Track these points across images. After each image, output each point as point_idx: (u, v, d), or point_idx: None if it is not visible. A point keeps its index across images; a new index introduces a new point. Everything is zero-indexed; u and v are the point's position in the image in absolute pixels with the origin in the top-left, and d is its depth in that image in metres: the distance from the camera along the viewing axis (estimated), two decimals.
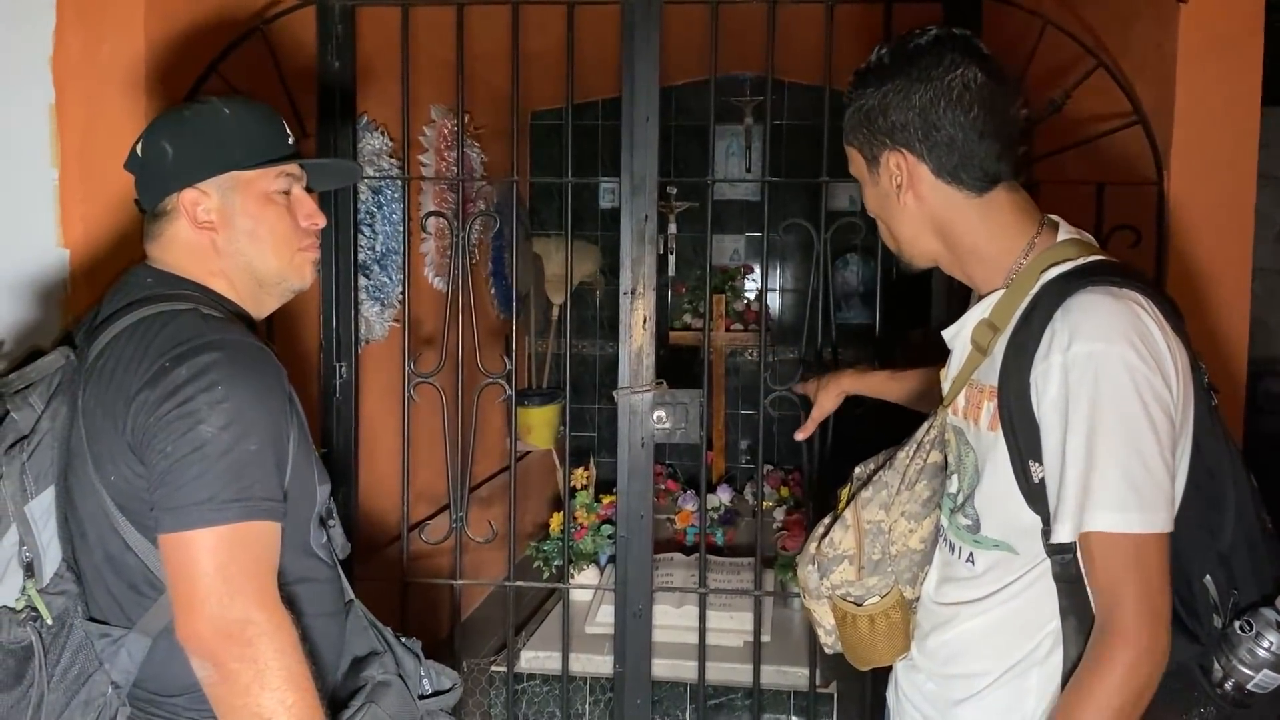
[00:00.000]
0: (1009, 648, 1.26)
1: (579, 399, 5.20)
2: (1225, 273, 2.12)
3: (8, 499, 1.24)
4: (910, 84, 1.23)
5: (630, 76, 2.28)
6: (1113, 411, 1.10)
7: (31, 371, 1.30)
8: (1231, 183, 2.11)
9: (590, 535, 3.64)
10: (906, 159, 1.27)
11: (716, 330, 4.63)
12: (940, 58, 1.22)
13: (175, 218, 1.36)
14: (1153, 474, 1.10)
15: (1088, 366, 1.11)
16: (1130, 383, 1.10)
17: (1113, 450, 1.10)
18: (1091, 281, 1.16)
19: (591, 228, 5.09)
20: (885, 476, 1.39)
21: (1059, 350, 1.13)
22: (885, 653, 1.43)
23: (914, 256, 1.35)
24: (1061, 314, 1.14)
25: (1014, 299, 1.23)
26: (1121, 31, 2.31)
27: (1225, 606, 1.18)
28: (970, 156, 1.23)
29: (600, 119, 4.89)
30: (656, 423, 2.35)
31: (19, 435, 1.27)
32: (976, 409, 1.29)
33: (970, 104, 1.22)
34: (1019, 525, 1.23)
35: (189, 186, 1.34)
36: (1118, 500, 1.10)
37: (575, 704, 3.00)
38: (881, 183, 1.31)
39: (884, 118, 1.26)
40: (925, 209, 1.28)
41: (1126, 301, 1.14)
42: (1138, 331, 1.12)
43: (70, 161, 2.16)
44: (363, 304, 2.93)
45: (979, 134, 1.22)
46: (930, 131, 1.23)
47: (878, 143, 1.28)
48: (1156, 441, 1.11)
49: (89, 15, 2.15)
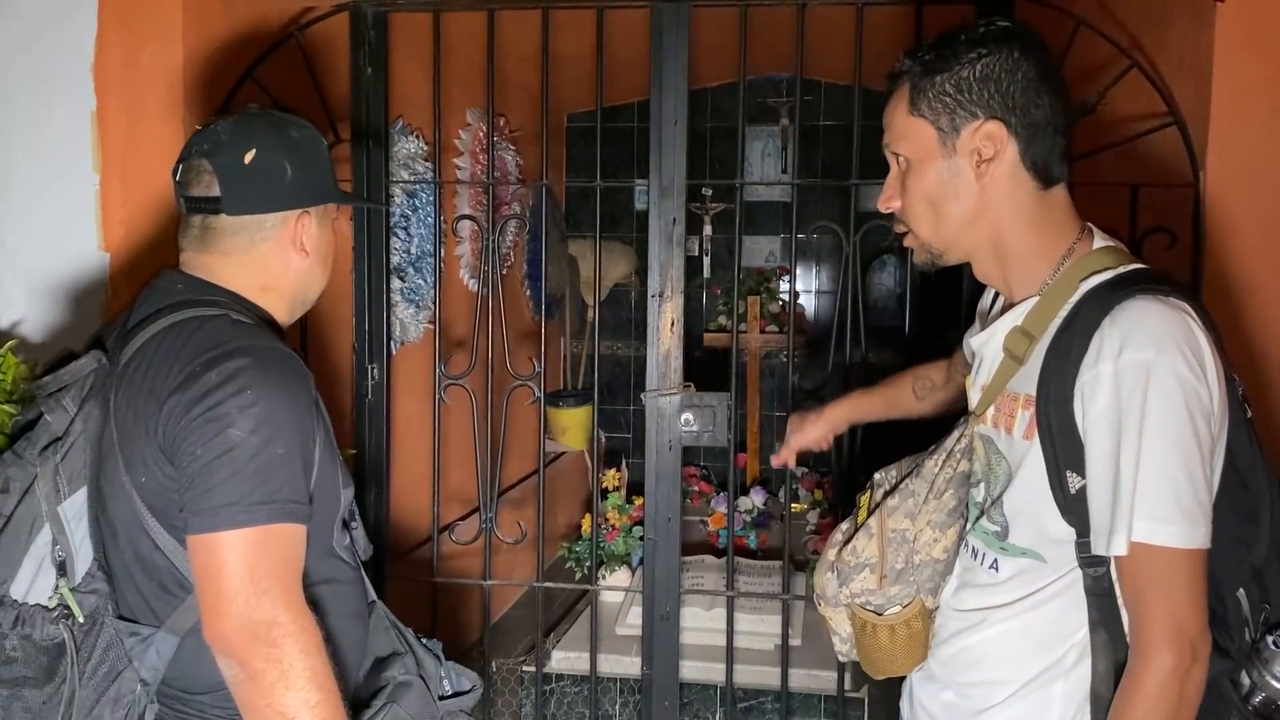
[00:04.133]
0: (1031, 657, 1.23)
1: (614, 400, 5.21)
2: (1264, 277, 2.07)
3: (41, 499, 1.27)
4: (1021, 58, 1.19)
5: (658, 79, 2.29)
6: (1162, 423, 1.08)
7: (65, 374, 1.33)
8: (1270, 185, 2.06)
9: (622, 537, 3.65)
10: (1002, 132, 1.20)
11: (751, 332, 4.62)
12: (1033, 40, 1.20)
13: (267, 234, 1.36)
14: (1195, 488, 1.09)
15: (1139, 375, 1.09)
16: (1180, 394, 1.08)
17: (1161, 462, 1.08)
18: (1141, 289, 1.13)
19: (627, 229, 5.10)
20: (913, 485, 1.37)
21: (1109, 358, 1.11)
22: (904, 663, 1.41)
23: (951, 245, 1.28)
24: (1110, 321, 1.12)
25: (1051, 306, 1.20)
26: (1157, 31, 2.28)
27: (1256, 620, 1.16)
28: (1050, 149, 1.21)
29: (636, 121, 4.91)
30: (684, 425, 2.35)
31: (53, 437, 1.30)
32: (1010, 418, 1.26)
33: (1057, 92, 1.20)
34: (1050, 535, 1.21)
35: (303, 210, 1.38)
36: (1159, 512, 1.08)
37: (604, 705, 3.01)
38: (958, 157, 1.22)
39: (986, 87, 1.19)
40: (994, 193, 1.22)
41: (1177, 310, 1.12)
42: (1188, 341, 1.10)
43: (111, 167, 2.20)
44: (397, 306, 2.96)
45: (1059, 126, 1.21)
46: (1030, 109, 1.19)
47: (966, 113, 1.21)
48: (1200, 455, 1.09)
49: (129, 24, 2.19)
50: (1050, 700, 1.22)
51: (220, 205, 1.33)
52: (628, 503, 3.83)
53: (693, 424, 2.36)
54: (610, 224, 5.07)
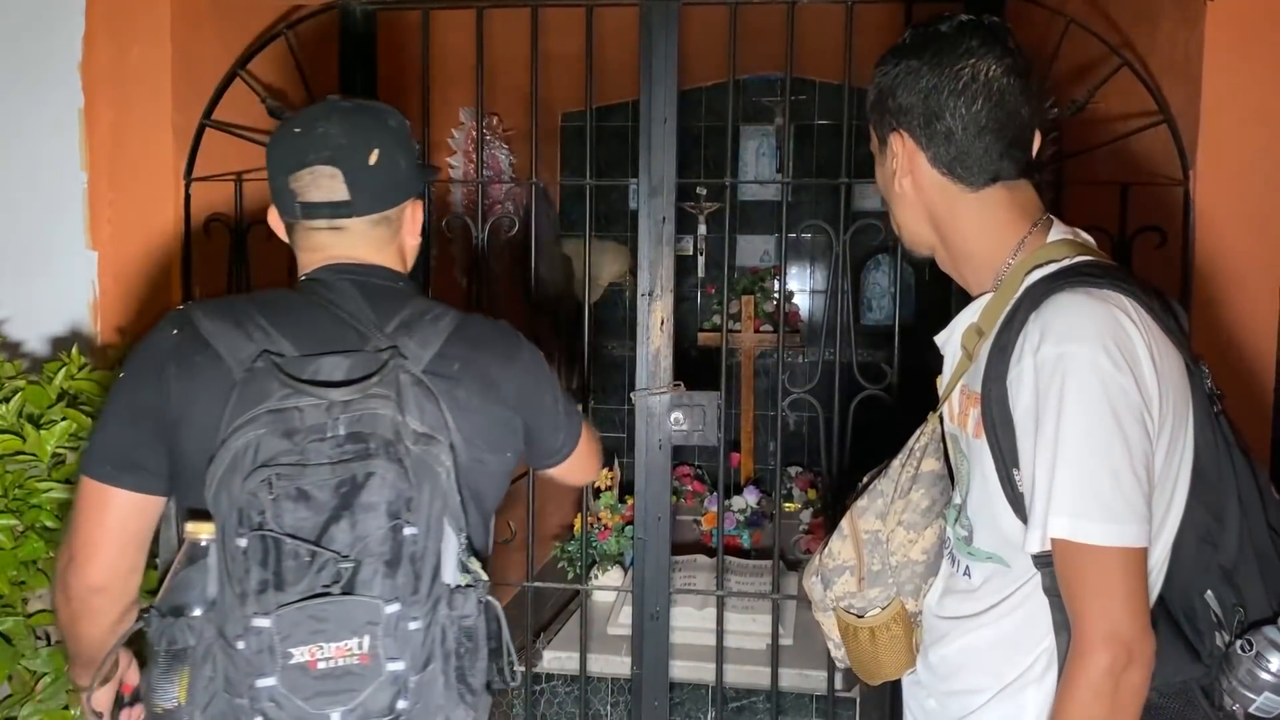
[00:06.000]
0: (1004, 665, 1.21)
1: (608, 400, 5.21)
2: (1252, 275, 2.07)
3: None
4: (921, 67, 1.20)
5: (648, 78, 2.28)
6: (1078, 416, 1.05)
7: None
8: (1259, 183, 2.06)
9: (614, 536, 3.65)
10: (906, 143, 1.24)
11: (745, 331, 4.62)
12: (957, 45, 1.19)
13: (397, 223, 1.40)
14: (1120, 483, 1.05)
15: (1056, 369, 1.07)
16: (1100, 387, 1.05)
17: (1076, 456, 1.05)
18: (1070, 282, 1.12)
19: (622, 229, 5.10)
20: (880, 485, 1.36)
21: (1030, 353, 1.09)
22: (889, 667, 1.40)
23: (912, 243, 1.32)
24: (1035, 315, 1.11)
25: (1000, 301, 1.19)
26: (1148, 29, 2.27)
27: (1230, 623, 1.12)
28: (968, 151, 1.20)
29: (630, 120, 4.90)
30: (674, 425, 2.35)
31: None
32: (965, 416, 1.25)
33: (975, 96, 1.18)
34: (1007, 537, 1.19)
35: (416, 197, 1.43)
36: (1077, 507, 1.05)
37: (595, 705, 3.00)
38: (886, 164, 1.28)
39: (893, 98, 1.23)
40: (921, 197, 1.26)
41: (1105, 303, 1.09)
42: (1112, 334, 1.07)
43: (99, 165, 2.20)
44: None
45: (979, 129, 1.19)
46: (931, 120, 1.20)
47: (886, 123, 1.26)
48: (1126, 450, 1.05)
49: (117, 22, 2.19)
50: (1023, 708, 1.19)
51: (351, 209, 1.34)
52: (620, 502, 3.82)
53: (683, 423, 2.35)
54: (605, 223, 5.07)
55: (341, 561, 1.16)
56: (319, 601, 1.15)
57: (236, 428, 1.17)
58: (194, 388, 1.22)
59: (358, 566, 1.16)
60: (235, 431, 1.17)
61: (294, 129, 1.34)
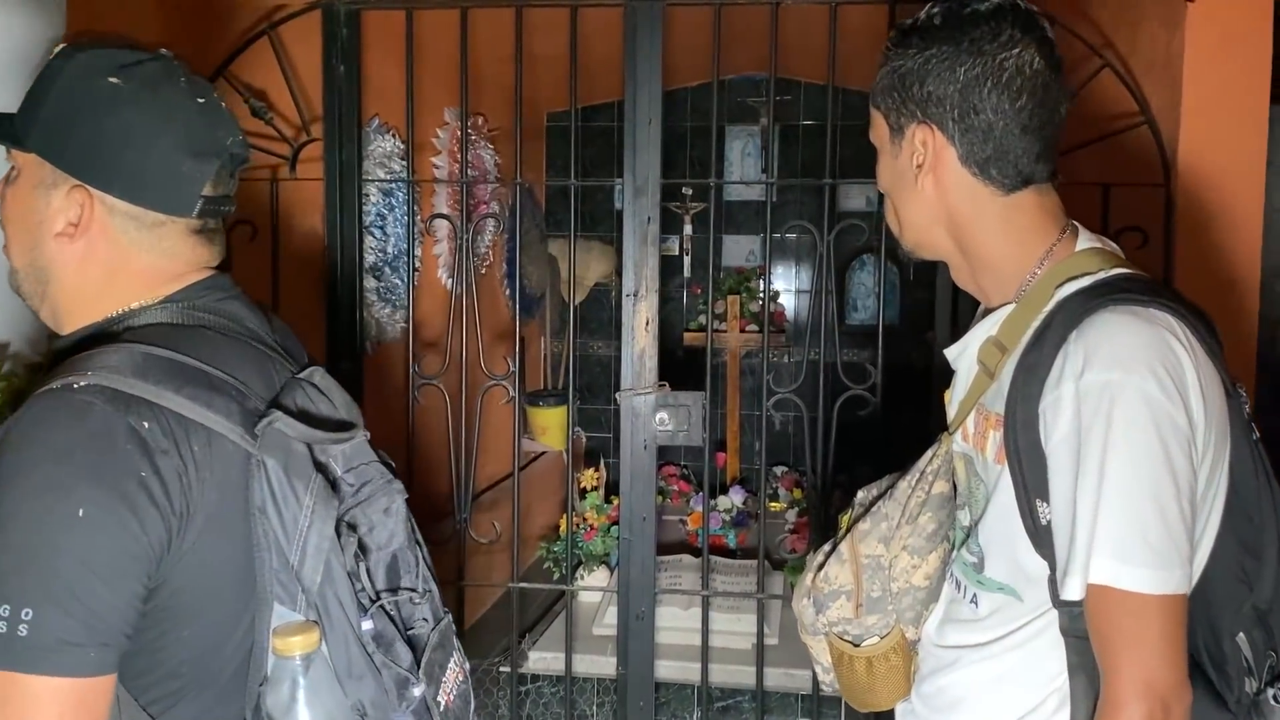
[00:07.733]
0: (1010, 703, 1.13)
1: (594, 400, 5.21)
2: (1234, 275, 2.09)
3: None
4: (958, 54, 1.08)
5: (633, 78, 2.29)
6: (1128, 452, 0.96)
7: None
8: (1240, 184, 2.08)
9: (600, 536, 3.64)
10: (935, 137, 1.12)
11: (731, 331, 4.63)
12: (999, 31, 1.07)
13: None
14: (1168, 525, 0.96)
15: (1102, 397, 0.97)
16: (1150, 419, 0.96)
17: (1122, 495, 0.96)
18: (1114, 300, 1.02)
19: (608, 229, 5.10)
20: (885, 508, 1.26)
21: (1070, 378, 0.99)
22: (884, 697, 1.31)
23: (917, 246, 1.21)
24: (1076, 336, 1.00)
25: (1025, 316, 1.09)
26: (1130, 31, 2.29)
27: (1261, 669, 1.04)
28: (1006, 151, 1.09)
29: (615, 120, 4.90)
30: (659, 425, 2.35)
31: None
32: (983, 438, 1.15)
33: (1020, 91, 1.07)
34: (1024, 569, 1.10)
35: None
36: (1123, 552, 0.96)
37: (581, 705, 3.00)
38: (901, 158, 1.16)
39: (920, 86, 1.11)
40: (943, 198, 1.14)
41: (1153, 324, 0.99)
42: (1162, 359, 0.97)
43: None
44: (374, 306, 2.95)
45: (1021, 127, 1.08)
46: (968, 113, 1.09)
47: (907, 112, 1.14)
48: (1175, 488, 0.96)
49: (99, 20, 2.17)
50: None
51: (232, 205, 1.12)
52: (606, 502, 3.82)
53: (668, 423, 2.35)
54: (590, 223, 5.07)
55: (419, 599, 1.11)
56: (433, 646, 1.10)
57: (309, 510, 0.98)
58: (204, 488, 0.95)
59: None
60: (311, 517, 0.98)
61: (196, 97, 1.04)
